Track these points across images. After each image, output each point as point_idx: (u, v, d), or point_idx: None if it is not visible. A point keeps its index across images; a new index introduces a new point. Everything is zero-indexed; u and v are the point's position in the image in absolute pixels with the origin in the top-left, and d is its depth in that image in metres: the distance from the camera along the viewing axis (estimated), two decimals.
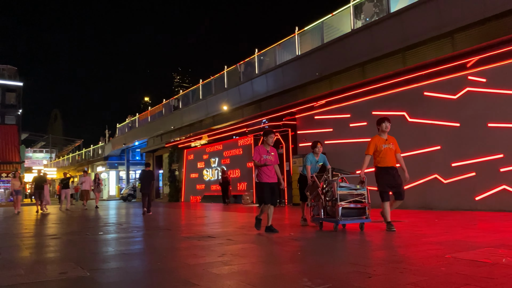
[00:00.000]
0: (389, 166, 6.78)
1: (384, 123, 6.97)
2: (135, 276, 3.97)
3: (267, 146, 7.10)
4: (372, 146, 6.89)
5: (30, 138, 59.72)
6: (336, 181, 6.75)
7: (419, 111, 12.16)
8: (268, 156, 6.98)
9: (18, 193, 16.60)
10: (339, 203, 6.57)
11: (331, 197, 6.86)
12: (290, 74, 16.29)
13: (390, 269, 3.82)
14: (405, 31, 11.75)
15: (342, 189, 6.71)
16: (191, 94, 25.76)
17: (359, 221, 6.79)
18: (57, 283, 3.60)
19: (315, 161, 8.20)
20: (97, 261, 4.76)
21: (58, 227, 9.83)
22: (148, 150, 32.08)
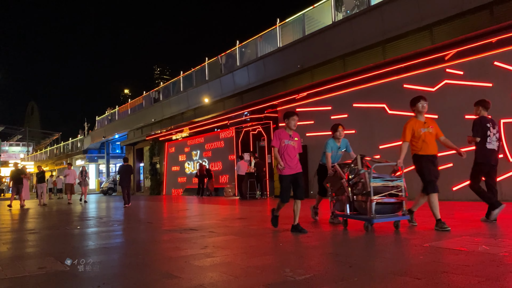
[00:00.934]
0: (432, 155, 5.70)
1: (419, 102, 5.83)
2: (116, 269, 3.94)
3: (289, 130, 6.04)
4: (408, 131, 5.77)
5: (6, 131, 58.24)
6: (369, 171, 5.64)
7: (398, 103, 12.32)
8: (290, 141, 5.93)
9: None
10: (373, 198, 5.43)
11: (361, 190, 5.71)
12: (272, 66, 16.28)
13: (370, 258, 3.89)
14: (385, 24, 11.86)
15: (376, 181, 5.57)
16: (171, 86, 25.49)
17: (395, 219, 5.65)
18: (36, 278, 3.54)
19: (337, 147, 7.03)
20: (77, 256, 4.70)
21: (36, 221, 9.66)
22: (128, 143, 31.70)
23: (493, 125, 6.17)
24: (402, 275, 3.17)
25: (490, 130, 6.07)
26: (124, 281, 3.42)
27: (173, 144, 25.91)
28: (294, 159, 5.95)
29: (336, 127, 7.16)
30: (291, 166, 5.88)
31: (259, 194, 16.38)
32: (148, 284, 3.23)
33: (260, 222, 7.70)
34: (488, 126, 6.08)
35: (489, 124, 6.09)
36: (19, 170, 16.48)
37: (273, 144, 5.95)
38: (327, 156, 6.84)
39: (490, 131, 6.07)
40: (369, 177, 5.55)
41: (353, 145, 14.00)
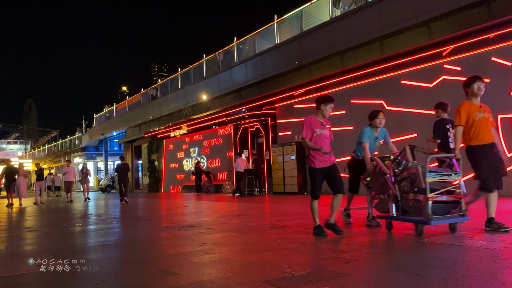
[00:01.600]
0: (488, 143, 4.92)
1: (476, 82, 4.99)
2: (115, 267, 3.94)
3: (321, 117, 5.33)
4: (464, 113, 4.93)
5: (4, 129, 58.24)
6: (423, 164, 4.77)
7: (396, 99, 12.34)
8: (322, 130, 5.25)
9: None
10: (430, 196, 4.58)
11: (414, 186, 4.85)
12: (269, 63, 16.26)
13: (367, 254, 3.91)
14: (382, 20, 11.85)
15: (432, 175, 4.70)
16: (169, 83, 25.44)
17: (455, 220, 4.81)
18: (34, 276, 3.55)
19: (374, 137, 6.03)
20: (76, 253, 4.70)
21: (34, 219, 9.65)
22: (126, 140, 31.64)
23: (453, 125, 6.09)
24: (401, 270, 3.18)
25: (450, 130, 6.27)
26: (123, 278, 3.43)
27: (171, 141, 25.89)
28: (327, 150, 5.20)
29: (376, 113, 6.07)
30: (324, 158, 5.18)
31: (258, 191, 16.40)
32: (147, 281, 3.23)
33: (258, 218, 7.72)
34: (448, 127, 6.29)
35: (448, 125, 6.30)
36: (12, 167, 15.83)
37: (304, 135, 5.21)
38: (364, 147, 5.83)
39: (450, 132, 6.29)
40: (423, 171, 4.69)
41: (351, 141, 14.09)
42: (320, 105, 5.30)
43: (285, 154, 15.42)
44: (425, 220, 4.60)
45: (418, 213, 4.79)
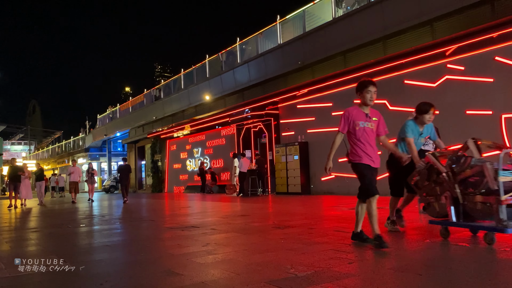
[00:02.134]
0: None
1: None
2: (119, 267, 3.96)
3: (365, 107, 4.50)
4: None
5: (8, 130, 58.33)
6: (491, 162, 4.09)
7: (399, 99, 12.31)
8: (367, 123, 4.38)
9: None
10: (504, 198, 3.85)
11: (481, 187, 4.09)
12: (272, 63, 16.27)
13: (370, 254, 3.90)
14: (385, 20, 11.83)
15: (506, 174, 3.98)
16: (172, 84, 25.49)
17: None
18: (39, 277, 3.56)
19: (418, 132, 5.18)
20: (80, 254, 4.73)
21: (38, 220, 9.69)
22: (129, 141, 31.72)
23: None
24: (404, 271, 3.18)
25: None
26: (126, 279, 3.44)
27: (174, 141, 25.94)
28: (374, 147, 4.38)
29: (428, 108, 5.09)
30: (372, 157, 4.32)
31: (261, 191, 16.40)
32: (151, 282, 3.24)
33: (262, 219, 7.72)
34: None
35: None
36: (16, 167, 15.44)
37: (339, 128, 4.45)
38: (410, 143, 5.03)
39: None
40: (493, 169, 3.98)
41: None
42: (357, 92, 4.55)
43: (288, 154, 15.42)
44: (500, 227, 3.88)
45: (486, 218, 4.14)
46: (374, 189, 4.23)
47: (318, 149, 14.81)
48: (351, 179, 13.56)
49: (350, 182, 13.47)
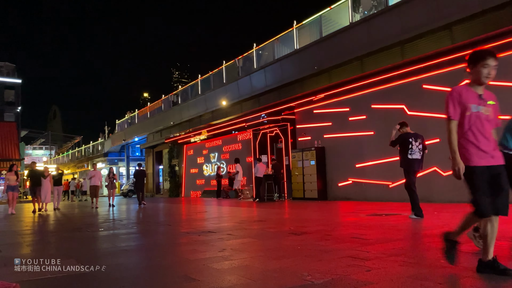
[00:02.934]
0: None
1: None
2: (136, 272, 3.98)
3: (477, 87, 3.35)
4: None
5: (30, 135, 59.71)
6: None
7: (418, 104, 12.15)
8: (482, 107, 3.25)
9: (14, 190, 14.00)
10: None
11: None
12: (289, 68, 16.26)
13: (389, 262, 3.84)
14: (403, 24, 11.72)
15: None
16: (190, 90, 25.74)
17: None
18: (58, 280, 3.61)
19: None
20: (98, 258, 4.78)
21: (58, 223, 9.85)
22: (147, 146, 32.08)
23: (415, 138, 7.45)
24: (424, 280, 3.11)
25: (413, 143, 7.35)
26: (143, 283, 3.46)
27: (191, 146, 26.11)
28: (490, 139, 3.22)
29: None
30: (487, 151, 3.16)
31: (277, 196, 16.36)
32: (167, 287, 3.25)
33: (278, 224, 7.68)
34: (410, 140, 7.39)
35: (411, 138, 7.39)
36: (37, 171, 15.28)
37: (449, 114, 3.26)
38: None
39: (412, 144, 7.35)
40: None
41: (372, 146, 13.99)
42: (469, 66, 3.38)
43: (305, 160, 15.35)
44: None
45: None
46: (484, 207, 3.09)
47: (335, 154, 14.71)
48: (368, 184, 13.45)
49: (367, 187, 13.34)
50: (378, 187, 12.89)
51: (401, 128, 7.64)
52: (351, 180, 14.04)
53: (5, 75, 47.77)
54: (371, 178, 13.24)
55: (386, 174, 12.73)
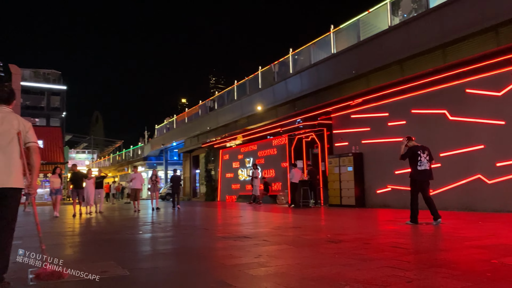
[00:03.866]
0: None
1: None
2: (173, 276, 4.03)
3: None
4: None
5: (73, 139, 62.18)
6: None
7: (460, 109, 11.71)
8: None
9: (58, 193, 13.85)
10: None
11: None
12: (325, 73, 16.11)
13: (431, 274, 3.69)
14: (445, 27, 11.35)
15: None
16: (226, 95, 26.02)
17: None
18: (99, 282, 3.71)
19: None
20: (137, 261, 4.88)
21: (99, 226, 10.16)
22: (185, 150, 32.65)
23: (423, 150, 7.98)
24: None
25: (421, 155, 7.89)
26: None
27: (227, 151, 26.33)
28: None
29: None
30: None
31: (313, 203, 16.18)
32: None
33: (314, 231, 7.59)
34: (419, 152, 7.93)
35: (419, 151, 7.95)
36: (79, 173, 14.99)
37: None
38: None
39: (420, 156, 7.89)
40: None
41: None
42: None
43: (342, 166, 15.11)
44: None
45: None
46: None
47: (374, 161, 14.40)
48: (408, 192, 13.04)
49: (407, 195, 12.95)
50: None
51: (408, 142, 8.21)
52: (390, 187, 13.69)
53: (52, 82, 50.08)
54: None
55: None
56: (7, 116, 3.53)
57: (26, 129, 3.59)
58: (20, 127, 3.53)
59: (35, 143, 3.62)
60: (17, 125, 3.52)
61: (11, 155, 3.44)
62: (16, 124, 3.52)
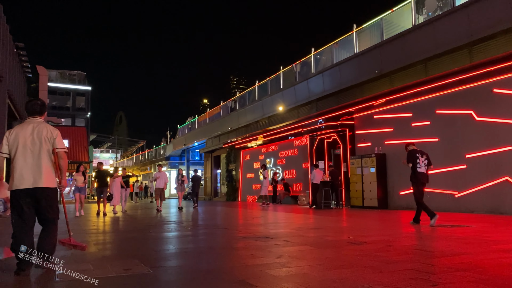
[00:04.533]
0: None
1: None
2: (195, 274, 4.06)
3: None
4: None
5: (98, 139, 63.51)
6: None
7: (487, 109, 11.40)
8: None
9: (81, 191, 13.30)
10: None
11: None
12: (348, 73, 15.95)
13: (457, 278, 3.61)
14: (471, 25, 11.08)
15: None
16: (247, 96, 26.07)
17: None
18: (122, 279, 3.77)
19: None
20: (159, 259, 4.94)
21: (122, 224, 10.33)
22: (206, 150, 32.89)
23: (422, 154, 8.42)
24: None
25: (419, 158, 8.33)
26: (203, 287, 3.51)
27: (248, 151, 26.38)
28: None
29: None
30: None
31: (334, 204, 16.04)
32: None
33: (336, 233, 7.52)
34: (417, 155, 8.37)
35: (418, 154, 8.40)
36: (104, 171, 14.52)
37: None
38: None
39: (419, 159, 8.32)
40: None
41: (436, 153, 13.35)
42: None
43: (364, 167, 14.93)
44: None
45: None
46: None
47: (397, 162, 14.16)
48: (432, 193, 12.79)
49: (431, 197, 12.70)
50: (443, 197, 12.23)
51: (409, 146, 8.78)
52: None
53: (77, 83, 51.24)
54: (435, 187, 12.56)
55: (451, 183, 12.06)
56: (38, 126, 4.15)
57: (54, 137, 4.18)
58: (48, 135, 4.14)
59: (62, 148, 4.21)
60: (46, 134, 4.13)
61: (42, 160, 4.06)
62: (45, 132, 4.13)
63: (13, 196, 4.04)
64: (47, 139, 4.11)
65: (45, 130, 4.12)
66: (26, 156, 4.03)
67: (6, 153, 4.09)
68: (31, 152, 4.04)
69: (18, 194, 3.98)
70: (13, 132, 4.12)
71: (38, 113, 4.26)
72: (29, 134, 4.07)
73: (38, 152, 4.06)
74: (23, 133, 4.09)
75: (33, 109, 4.26)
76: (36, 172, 4.01)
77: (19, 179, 3.98)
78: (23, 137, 4.06)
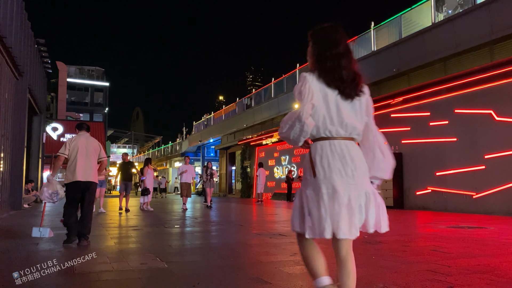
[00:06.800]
0: None
1: None
2: (209, 270, 4.09)
3: None
4: None
5: (115, 134, 64.24)
6: None
7: (508, 109, 11.18)
8: None
9: (102, 185, 12.11)
10: None
11: None
12: (365, 70, 15.56)
13: (474, 280, 3.56)
14: (493, 23, 10.87)
15: None
16: (263, 93, 26.07)
17: None
18: (138, 273, 3.83)
19: None
20: (175, 254, 4.99)
21: (139, 219, 10.46)
22: (221, 147, 33.01)
23: None
24: None
25: None
26: (217, 282, 3.54)
27: (263, 149, 26.39)
28: None
29: None
30: None
31: None
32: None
33: None
34: None
35: None
36: (128, 162, 13.20)
37: None
38: None
39: None
40: None
41: (454, 154, 13.19)
42: None
43: None
44: None
45: None
46: None
47: (414, 161, 14.01)
48: (449, 194, 12.63)
49: (448, 197, 12.53)
50: (460, 197, 12.06)
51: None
52: (430, 189, 13.28)
53: (95, 78, 51.94)
54: (452, 187, 12.41)
55: (469, 184, 11.87)
56: (89, 138, 5.99)
57: (100, 148, 6.03)
58: (95, 146, 5.95)
59: (105, 158, 6.06)
60: (95, 144, 5.95)
61: (92, 162, 5.84)
62: (95, 144, 5.96)
63: (69, 186, 5.61)
64: (96, 149, 5.93)
65: (95, 143, 5.95)
66: (81, 158, 5.68)
67: (66, 154, 5.73)
68: (86, 156, 5.74)
69: (73, 184, 5.58)
70: (73, 141, 5.81)
71: (87, 130, 6.10)
72: (83, 143, 5.82)
73: (91, 157, 5.81)
74: (80, 142, 5.82)
75: (82, 127, 6.09)
76: (89, 170, 5.71)
77: (76, 174, 5.58)
78: (80, 145, 5.77)
